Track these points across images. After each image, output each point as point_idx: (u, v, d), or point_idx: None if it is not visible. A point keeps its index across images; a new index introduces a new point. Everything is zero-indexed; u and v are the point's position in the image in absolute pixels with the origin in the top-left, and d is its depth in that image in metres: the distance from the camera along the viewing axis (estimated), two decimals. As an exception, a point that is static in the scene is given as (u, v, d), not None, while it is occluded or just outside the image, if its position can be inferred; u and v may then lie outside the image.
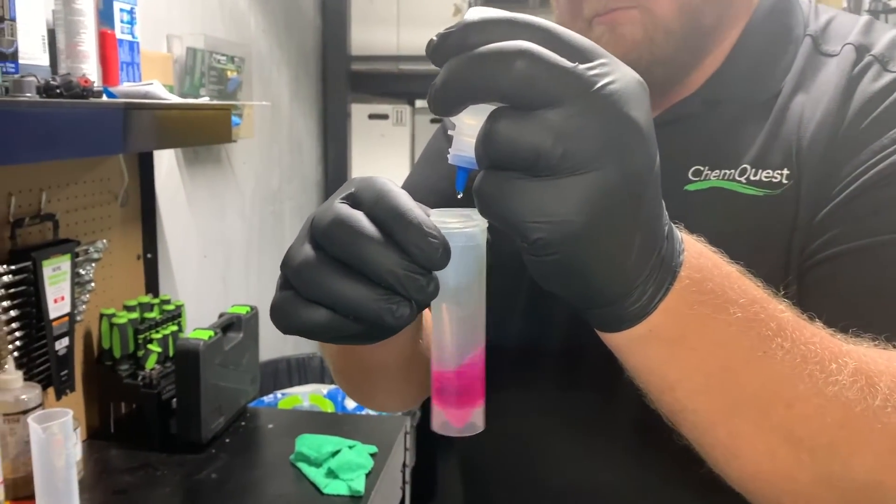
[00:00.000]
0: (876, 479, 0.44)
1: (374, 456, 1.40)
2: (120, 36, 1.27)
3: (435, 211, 0.41)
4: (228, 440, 1.46)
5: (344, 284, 0.39)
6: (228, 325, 1.49)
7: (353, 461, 1.33)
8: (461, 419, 0.43)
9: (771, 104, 0.59)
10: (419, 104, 2.75)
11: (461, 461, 0.75)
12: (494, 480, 0.70)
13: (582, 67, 0.35)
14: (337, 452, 1.36)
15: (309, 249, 0.41)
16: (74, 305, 1.31)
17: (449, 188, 0.44)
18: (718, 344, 0.42)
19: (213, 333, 1.39)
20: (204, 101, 1.54)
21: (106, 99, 1.11)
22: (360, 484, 1.29)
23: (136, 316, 1.43)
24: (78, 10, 1.15)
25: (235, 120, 1.78)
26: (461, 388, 0.42)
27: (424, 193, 0.61)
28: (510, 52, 0.34)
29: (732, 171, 0.58)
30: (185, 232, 1.81)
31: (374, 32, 2.60)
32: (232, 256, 2.08)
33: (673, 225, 0.41)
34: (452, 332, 0.42)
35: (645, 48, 0.58)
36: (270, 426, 1.54)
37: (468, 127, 0.38)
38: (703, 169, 0.59)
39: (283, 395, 1.89)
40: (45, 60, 1.07)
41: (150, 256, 1.59)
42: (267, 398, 1.88)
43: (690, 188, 0.59)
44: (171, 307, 1.53)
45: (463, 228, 0.41)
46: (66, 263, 1.27)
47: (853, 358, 0.44)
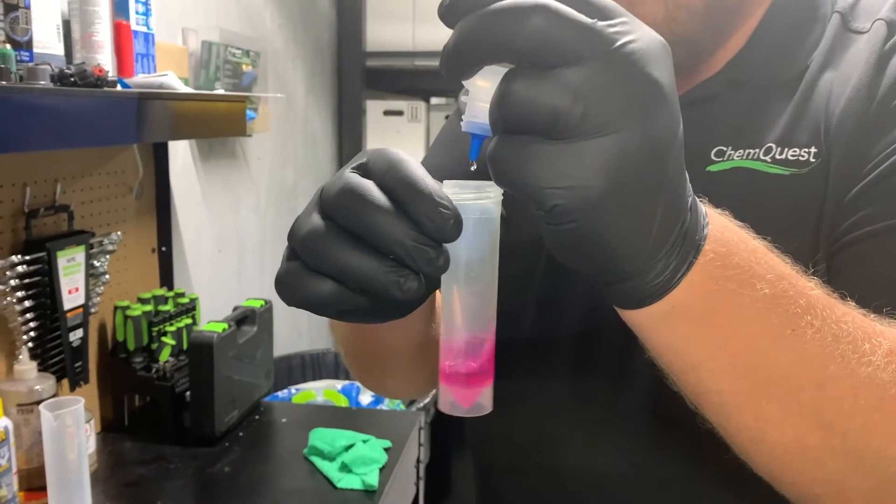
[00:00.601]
0: None
1: (388, 451, 1.39)
2: (135, 27, 1.27)
3: (449, 182, 0.40)
4: (242, 434, 1.45)
5: (351, 255, 0.38)
6: (243, 318, 1.48)
7: (366, 455, 1.32)
8: (469, 399, 0.41)
9: (797, 82, 0.58)
10: (434, 101, 2.74)
11: (474, 452, 0.73)
12: (507, 471, 0.68)
13: (602, 24, 0.33)
14: (351, 447, 1.35)
15: (317, 219, 0.40)
16: (89, 297, 1.30)
17: (463, 172, 0.43)
18: (744, 321, 0.40)
19: (226, 326, 1.38)
20: (219, 92, 1.54)
21: (120, 89, 1.11)
22: (373, 478, 1.27)
23: (150, 308, 1.43)
24: (93, 0, 1.15)
25: (250, 114, 1.78)
26: (470, 368, 0.41)
27: (437, 177, 0.60)
28: (526, 7, 0.33)
29: (757, 150, 0.56)
30: (199, 226, 1.81)
31: (389, 28, 2.59)
32: (246, 251, 2.08)
33: (696, 198, 0.40)
34: (462, 308, 0.40)
35: (666, 27, 0.56)
36: (284, 420, 1.53)
37: (482, 90, 0.36)
38: (725, 149, 0.58)
39: (297, 390, 1.88)
40: (59, 50, 1.07)
41: (164, 250, 1.59)
42: (281, 393, 1.87)
43: (713, 169, 0.58)
44: (185, 300, 1.52)
45: (476, 200, 0.39)
46: (80, 255, 1.27)
47: (887, 338, 0.42)
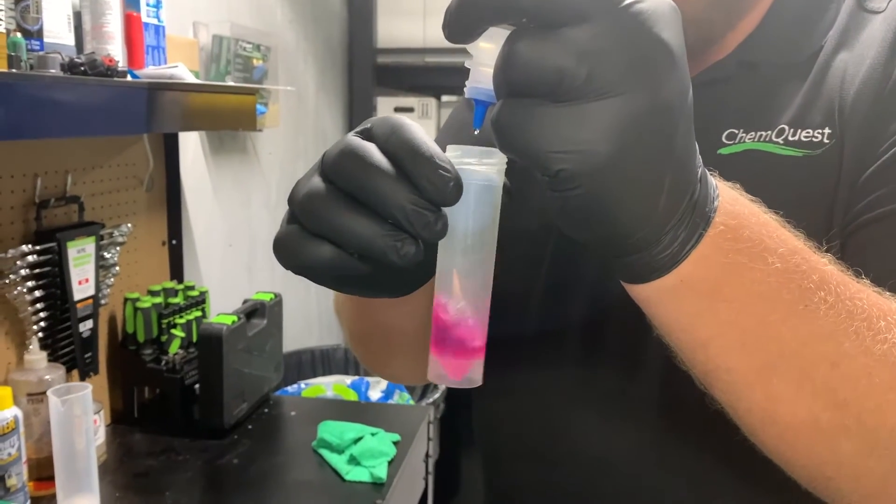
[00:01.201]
0: None
1: (396, 444, 1.38)
2: (146, 19, 1.28)
3: (452, 146, 0.39)
4: (251, 426, 1.45)
5: (349, 218, 0.37)
6: (252, 311, 1.48)
7: (375, 448, 1.32)
8: (459, 371, 0.40)
9: (811, 63, 0.57)
10: (445, 98, 2.73)
11: (481, 440, 0.73)
12: (515, 458, 0.67)
13: None
14: (359, 439, 1.35)
15: (317, 181, 0.39)
16: (99, 288, 1.31)
17: None
18: (755, 296, 0.39)
19: (236, 319, 1.38)
20: (229, 83, 1.54)
21: (130, 79, 1.11)
22: (382, 471, 1.27)
23: (160, 301, 1.43)
24: (103, -9, 1.15)
25: (261, 109, 1.78)
26: (462, 339, 0.40)
27: None
28: None
29: (769, 132, 0.56)
30: (210, 220, 1.81)
31: (400, 25, 2.59)
32: (257, 247, 2.08)
33: (706, 170, 0.39)
34: (458, 276, 0.40)
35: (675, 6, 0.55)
36: (293, 413, 1.53)
37: (486, 53, 0.36)
38: (737, 132, 0.57)
39: (306, 384, 1.88)
40: (70, 40, 1.08)
41: (174, 243, 1.59)
42: (291, 388, 1.87)
43: (724, 152, 0.57)
44: (195, 293, 1.53)
45: (478, 167, 0.39)
46: (90, 246, 1.27)
47: None
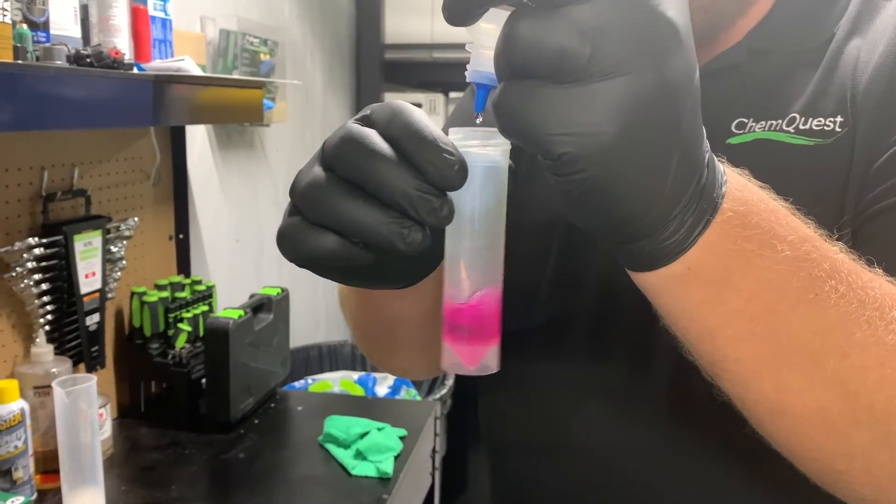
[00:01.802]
0: None
1: (403, 439, 1.38)
2: (152, 13, 1.27)
3: (455, 129, 0.39)
4: (257, 421, 1.45)
5: (353, 206, 0.37)
6: (259, 305, 1.48)
7: (381, 443, 1.31)
8: (474, 358, 0.39)
9: (823, 50, 0.56)
10: (453, 95, 2.72)
11: (487, 433, 0.72)
12: (521, 451, 0.67)
13: None
14: (365, 434, 1.34)
15: (318, 171, 0.38)
16: (105, 282, 1.31)
17: None
18: (764, 284, 0.38)
19: (242, 313, 1.38)
20: (235, 76, 1.54)
21: (136, 71, 1.11)
22: (388, 466, 1.27)
23: (166, 295, 1.43)
24: (110, -16, 1.15)
25: (268, 104, 1.78)
26: (475, 325, 0.39)
27: None
28: None
29: (779, 121, 0.55)
30: (217, 215, 1.81)
31: (407, 21, 2.58)
32: (265, 242, 2.08)
33: (714, 156, 0.38)
34: (467, 263, 0.39)
35: None
36: (300, 408, 1.53)
37: (487, 35, 0.35)
38: (747, 121, 0.56)
39: (313, 380, 1.88)
40: (77, 32, 1.08)
41: (181, 237, 1.59)
42: (298, 383, 1.87)
43: (733, 141, 0.56)
44: (202, 287, 1.53)
45: (482, 148, 0.38)
46: (97, 239, 1.27)
47: None
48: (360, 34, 2.64)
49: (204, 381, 1.40)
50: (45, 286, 1.19)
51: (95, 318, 1.29)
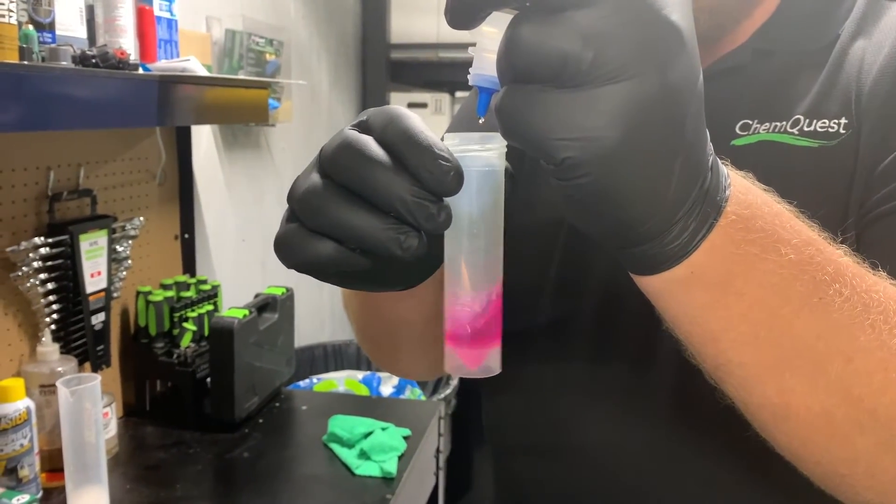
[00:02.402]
0: None
1: (407, 439, 1.38)
2: (158, 13, 1.28)
3: (451, 134, 0.39)
4: (262, 420, 1.45)
5: (349, 212, 0.37)
6: (264, 305, 1.48)
7: (385, 443, 1.31)
8: (476, 360, 0.40)
9: (828, 51, 0.55)
10: (459, 94, 2.72)
11: (491, 435, 0.72)
12: (525, 453, 0.67)
13: None
14: (369, 434, 1.34)
15: (315, 178, 0.38)
16: (111, 281, 1.31)
17: None
18: (768, 288, 0.38)
19: (247, 312, 1.38)
20: (240, 77, 1.54)
21: (141, 72, 1.11)
22: (392, 466, 1.27)
23: (172, 294, 1.44)
24: (116, -16, 1.15)
25: (273, 103, 1.78)
26: (476, 328, 0.39)
27: None
28: None
29: (784, 122, 0.54)
30: (222, 214, 1.81)
31: (413, 20, 2.58)
32: (269, 241, 2.06)
33: (718, 159, 0.38)
34: (466, 266, 0.39)
35: None
36: (304, 408, 1.53)
37: (489, 39, 0.35)
38: (751, 122, 0.56)
39: (318, 379, 1.89)
40: (82, 33, 1.08)
41: (187, 237, 1.59)
42: (303, 382, 1.88)
43: (737, 143, 0.56)
44: (207, 287, 1.53)
45: (478, 152, 0.38)
46: (102, 239, 1.27)
47: None
48: (365, 34, 2.65)
49: (209, 380, 1.40)
50: (50, 285, 1.19)
51: (101, 317, 1.30)
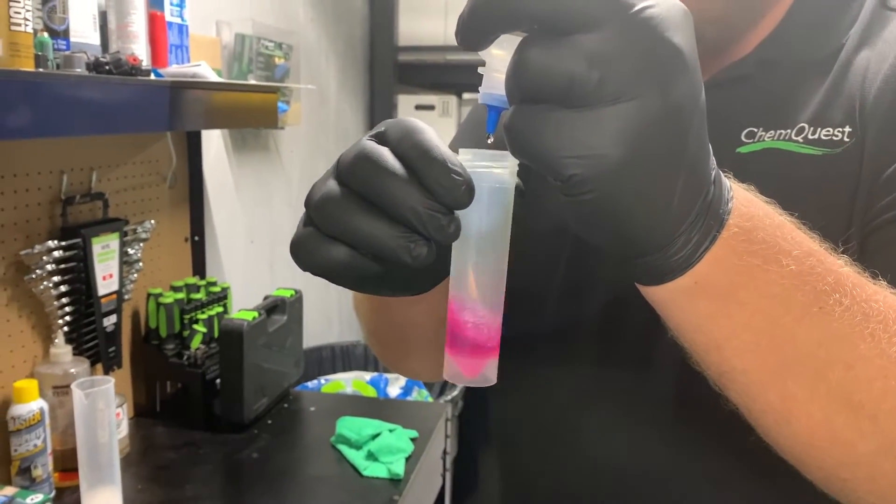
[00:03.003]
0: None
1: (414, 441, 1.39)
2: (169, 18, 1.29)
3: (464, 150, 0.40)
4: (270, 421, 1.47)
5: (363, 220, 0.38)
6: (273, 307, 1.50)
7: (393, 444, 1.33)
8: (473, 370, 0.41)
9: (832, 60, 0.56)
10: (466, 96, 2.73)
11: (498, 439, 0.73)
12: (531, 457, 0.68)
13: None
14: (377, 435, 1.36)
15: (332, 185, 0.40)
16: (122, 284, 1.33)
17: None
18: (770, 298, 0.39)
19: (257, 314, 1.40)
20: (250, 82, 1.55)
21: (153, 78, 1.12)
22: (399, 467, 1.28)
23: (182, 296, 1.45)
24: (128, -9, 1.17)
25: (282, 107, 1.79)
26: (476, 338, 0.40)
27: None
28: None
29: (789, 130, 0.55)
30: (232, 217, 1.83)
31: (421, 23, 2.60)
32: (278, 243, 2.09)
33: (721, 172, 0.39)
34: (472, 277, 0.40)
35: (696, 6, 0.55)
36: (312, 409, 1.55)
37: (498, 60, 0.36)
38: (756, 130, 0.57)
39: (326, 380, 1.90)
40: (96, 40, 1.09)
41: (197, 239, 1.61)
42: (311, 383, 1.89)
43: (743, 150, 0.56)
44: (217, 289, 1.54)
45: (490, 169, 0.39)
46: (114, 242, 1.29)
47: None
48: (373, 36, 2.66)
49: (218, 381, 1.42)
50: (63, 288, 1.21)
51: (112, 319, 1.31)
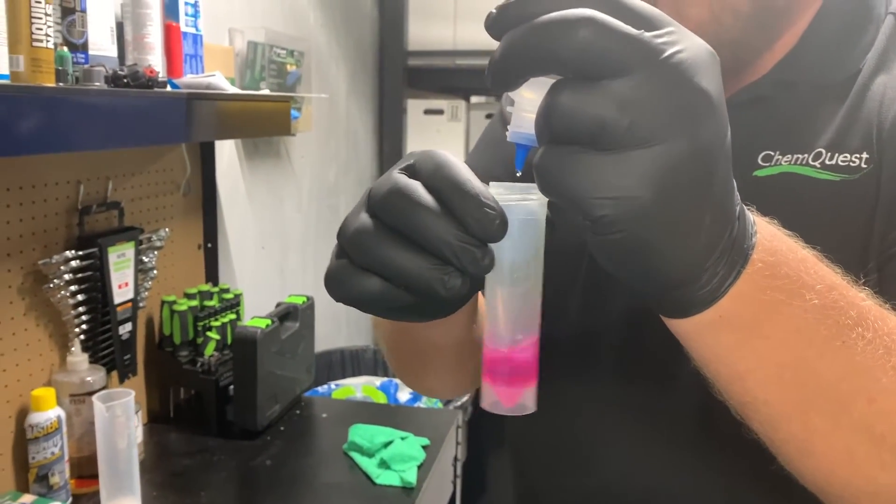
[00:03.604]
0: None
1: (426, 448, 1.40)
2: (184, 29, 1.30)
3: (495, 183, 0.40)
4: (283, 428, 1.47)
5: (397, 253, 0.39)
6: (285, 314, 1.51)
7: (405, 452, 1.33)
8: (512, 399, 0.41)
9: (849, 85, 0.57)
10: (474, 100, 2.74)
11: (513, 453, 0.74)
12: (546, 473, 0.68)
13: (648, 35, 0.33)
14: (389, 443, 1.36)
15: (365, 218, 0.40)
16: (137, 292, 1.34)
17: (505, 174, 0.43)
18: (793, 332, 0.40)
19: (270, 322, 1.41)
20: (264, 92, 1.56)
21: (170, 89, 1.13)
22: (412, 475, 1.29)
23: (196, 304, 1.46)
24: (145, 3, 1.18)
25: (294, 113, 1.80)
26: (513, 368, 0.41)
27: (480, 178, 0.60)
28: (573, 19, 0.33)
29: (806, 155, 0.56)
30: (244, 223, 1.84)
31: (430, 28, 2.60)
32: (289, 248, 2.11)
33: (745, 206, 0.40)
34: (506, 309, 0.41)
35: (711, 29, 0.55)
36: (324, 415, 1.55)
37: (528, 102, 0.37)
38: (773, 154, 0.57)
39: (336, 385, 1.91)
40: (113, 52, 1.10)
41: (210, 246, 1.62)
42: (321, 388, 1.90)
43: (760, 174, 0.57)
44: (230, 296, 1.55)
45: (522, 202, 0.40)
46: (130, 250, 1.30)
47: None
48: (383, 40, 2.67)
49: (232, 388, 1.43)
50: (80, 297, 1.22)
51: (128, 326, 1.32)
